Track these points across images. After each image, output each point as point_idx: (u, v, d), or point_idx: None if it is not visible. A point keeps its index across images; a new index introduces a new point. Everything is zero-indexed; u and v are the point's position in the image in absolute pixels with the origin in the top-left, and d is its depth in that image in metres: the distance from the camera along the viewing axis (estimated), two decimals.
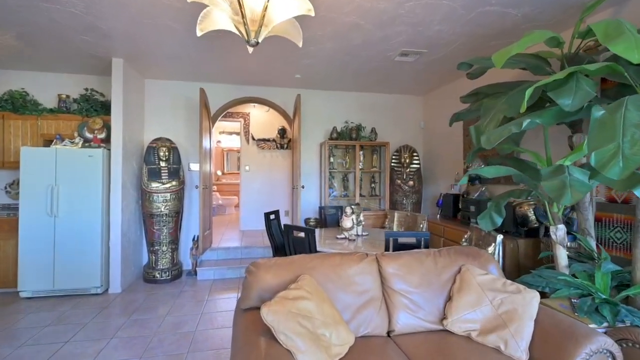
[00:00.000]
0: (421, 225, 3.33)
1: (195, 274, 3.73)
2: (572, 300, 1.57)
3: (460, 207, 3.71)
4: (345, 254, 1.62)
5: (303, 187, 3.99)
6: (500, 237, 2.21)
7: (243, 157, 5.46)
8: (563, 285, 1.65)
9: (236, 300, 2.83)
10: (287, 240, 2.28)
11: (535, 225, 2.48)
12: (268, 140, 5.46)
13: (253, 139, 5.39)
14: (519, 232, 2.61)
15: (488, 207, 2.26)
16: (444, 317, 1.50)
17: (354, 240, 2.76)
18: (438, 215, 4.10)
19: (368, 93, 4.77)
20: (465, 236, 2.80)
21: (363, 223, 3.00)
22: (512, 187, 3.14)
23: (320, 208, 3.72)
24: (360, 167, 4.47)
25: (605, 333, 1.29)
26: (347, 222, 2.84)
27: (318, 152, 4.59)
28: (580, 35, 1.87)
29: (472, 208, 3.20)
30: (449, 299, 1.55)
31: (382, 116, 4.80)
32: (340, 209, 3.79)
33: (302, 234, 2.17)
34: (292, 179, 4.67)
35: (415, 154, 4.46)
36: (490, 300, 1.43)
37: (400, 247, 2.07)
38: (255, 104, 5.22)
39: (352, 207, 2.93)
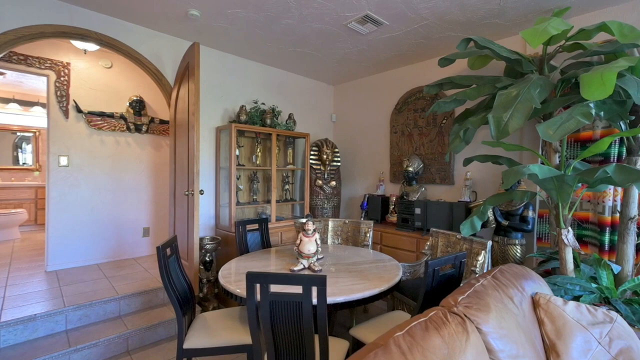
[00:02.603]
0: (367, 235, 3.05)
1: None
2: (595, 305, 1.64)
3: (394, 209, 3.70)
4: (413, 328, 1.00)
5: (202, 192, 2.87)
6: (490, 243, 2.18)
7: (55, 142, 3.35)
8: (582, 291, 1.72)
9: None
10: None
11: (493, 225, 2.67)
12: (110, 116, 3.67)
13: (79, 110, 3.47)
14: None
15: (474, 212, 2.18)
16: None
17: (318, 271, 2.10)
18: (362, 219, 3.99)
19: (286, 72, 4.07)
20: (428, 244, 2.71)
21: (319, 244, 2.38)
22: (447, 187, 3.34)
23: (238, 223, 2.76)
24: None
25: None
26: (309, 245, 2.14)
27: (213, 141, 3.49)
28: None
29: (418, 210, 3.20)
30: (549, 348, 1.25)
31: (296, 103, 4.23)
32: (263, 223, 2.97)
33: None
34: (157, 180, 3.30)
35: (336, 149, 4.17)
36: (599, 340, 1.23)
37: (440, 281, 1.62)
38: (87, 50, 3.40)
39: (310, 220, 2.25)
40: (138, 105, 3.88)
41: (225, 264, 2.26)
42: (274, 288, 1.34)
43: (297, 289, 1.49)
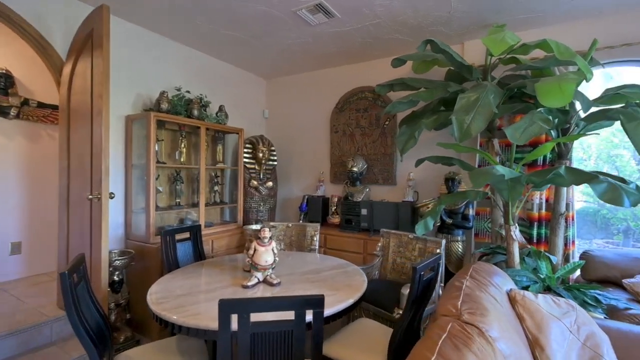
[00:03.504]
0: (314, 239, 2.92)
1: None
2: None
3: (336, 210, 3.65)
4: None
5: (112, 195, 2.29)
6: (444, 242, 2.28)
7: None
8: (529, 282, 1.91)
9: None
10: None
11: (438, 224, 2.83)
12: None
13: None
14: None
15: (427, 212, 2.27)
16: None
17: (277, 285, 1.86)
18: (301, 221, 3.85)
19: (214, 59, 3.64)
20: (379, 244, 2.72)
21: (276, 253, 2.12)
22: (390, 187, 3.46)
23: (165, 233, 2.27)
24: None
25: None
26: (266, 255, 1.87)
27: (122, 133, 2.87)
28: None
29: (364, 211, 3.21)
30: (533, 343, 1.30)
31: (225, 95, 3.82)
32: (196, 231, 2.54)
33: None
34: (33, 181, 2.49)
35: (273, 148, 3.91)
36: (570, 329, 1.34)
37: (424, 285, 1.55)
38: None
39: (266, 226, 1.98)
40: (2, 82, 2.93)
41: (154, 285, 1.82)
42: (254, 317, 1.07)
43: (285, 315, 1.24)
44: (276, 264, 1.94)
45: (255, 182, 3.77)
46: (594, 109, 1.84)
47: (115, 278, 2.56)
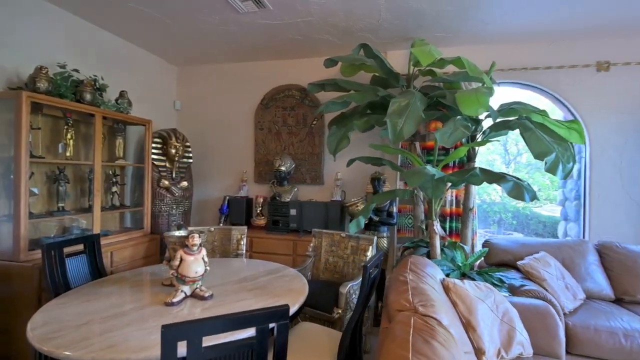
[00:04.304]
0: (241, 243, 2.75)
1: None
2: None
3: (261, 212, 3.51)
4: None
5: None
6: (375, 239, 2.41)
7: None
8: (449, 270, 2.17)
9: None
10: None
11: (366, 222, 2.98)
12: None
13: None
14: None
15: (360, 210, 2.39)
16: (479, 351, 1.40)
17: (209, 298, 1.68)
18: (221, 224, 3.60)
19: (114, 36, 3.10)
20: (311, 245, 2.72)
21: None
22: (318, 187, 3.50)
23: (48, 246, 1.78)
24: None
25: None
26: (195, 266, 1.66)
27: None
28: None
29: (293, 211, 3.17)
30: (466, 324, 1.46)
31: (126, 80, 3.29)
32: (93, 242, 2.10)
33: None
34: None
35: (188, 144, 3.53)
36: (491, 309, 1.55)
37: (372, 283, 1.57)
38: None
39: (195, 232, 1.75)
40: None
41: (36, 315, 1.44)
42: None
43: (243, 333, 1.09)
44: (207, 275, 1.74)
45: (166, 182, 3.35)
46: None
47: None
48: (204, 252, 1.74)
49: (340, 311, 2.07)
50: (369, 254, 2.38)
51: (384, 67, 2.46)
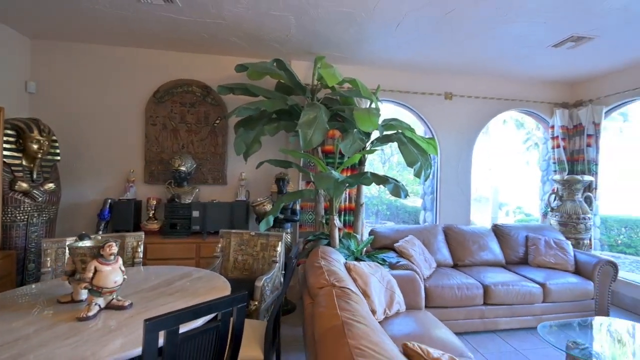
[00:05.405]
0: (138, 251, 2.66)
1: None
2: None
3: (154, 215, 3.34)
4: None
5: None
6: (284, 235, 2.72)
7: None
8: (346, 256, 2.68)
9: None
10: None
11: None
12: None
13: None
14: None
15: (270, 210, 2.71)
16: (372, 312, 1.88)
17: (129, 307, 1.70)
18: (101, 232, 3.26)
19: None
20: (219, 245, 2.84)
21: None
22: (220, 187, 3.59)
23: None
24: None
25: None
26: (113, 275, 1.64)
27: None
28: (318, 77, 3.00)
29: (196, 213, 3.18)
30: (363, 294, 1.93)
31: None
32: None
33: None
34: None
35: (54, 137, 3.05)
36: (380, 280, 2.08)
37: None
38: None
39: (111, 240, 1.70)
40: None
41: None
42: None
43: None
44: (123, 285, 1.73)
45: (24, 185, 2.81)
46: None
47: None
48: (120, 261, 1.72)
49: (256, 303, 2.31)
50: (279, 249, 2.68)
51: (293, 79, 2.79)
